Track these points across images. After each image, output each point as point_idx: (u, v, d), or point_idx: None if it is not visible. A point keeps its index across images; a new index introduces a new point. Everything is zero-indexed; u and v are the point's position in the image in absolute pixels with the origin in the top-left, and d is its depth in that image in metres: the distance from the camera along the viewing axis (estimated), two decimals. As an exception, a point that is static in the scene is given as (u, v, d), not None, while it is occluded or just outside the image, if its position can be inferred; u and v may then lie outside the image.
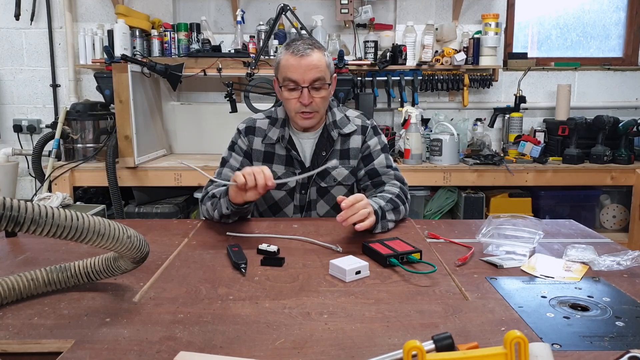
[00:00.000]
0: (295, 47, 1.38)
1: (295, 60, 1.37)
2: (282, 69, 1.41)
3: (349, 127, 1.52)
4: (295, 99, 1.41)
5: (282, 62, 1.41)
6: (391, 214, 1.34)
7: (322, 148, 1.49)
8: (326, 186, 1.51)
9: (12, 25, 3.00)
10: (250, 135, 1.52)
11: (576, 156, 2.65)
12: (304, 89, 1.38)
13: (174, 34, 2.84)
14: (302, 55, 1.37)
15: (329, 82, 1.43)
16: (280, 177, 1.49)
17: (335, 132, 1.50)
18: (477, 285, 0.94)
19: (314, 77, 1.38)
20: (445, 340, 0.59)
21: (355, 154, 1.52)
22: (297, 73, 1.37)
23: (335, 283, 0.96)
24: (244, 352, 0.70)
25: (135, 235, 0.82)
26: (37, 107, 3.11)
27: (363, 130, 1.53)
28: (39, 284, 0.88)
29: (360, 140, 1.53)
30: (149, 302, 0.87)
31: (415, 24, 2.96)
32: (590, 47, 3.22)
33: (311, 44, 1.40)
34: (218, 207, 1.34)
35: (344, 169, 1.51)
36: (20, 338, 0.75)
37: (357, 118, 1.56)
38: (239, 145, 1.52)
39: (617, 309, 0.84)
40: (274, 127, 1.51)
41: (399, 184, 1.49)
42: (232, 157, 1.52)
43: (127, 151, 2.47)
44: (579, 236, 1.29)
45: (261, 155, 1.51)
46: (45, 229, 0.70)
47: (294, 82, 1.39)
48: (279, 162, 1.50)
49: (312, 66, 1.37)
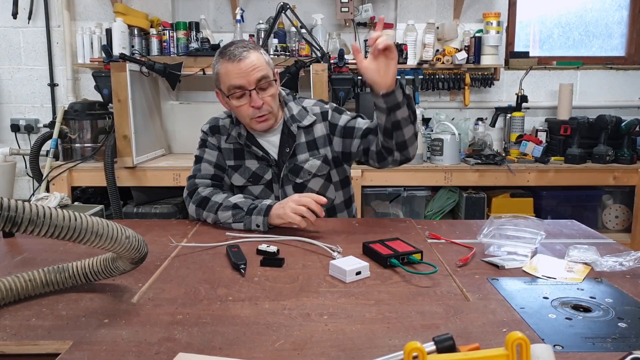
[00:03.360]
0: (230, 53, 1.35)
1: (234, 65, 1.34)
2: (223, 78, 1.38)
3: (308, 119, 1.49)
4: (246, 105, 1.38)
5: (222, 71, 1.37)
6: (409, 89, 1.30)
7: (285, 145, 1.48)
8: (302, 181, 1.49)
9: (9, 24, 3.00)
10: (217, 134, 1.52)
11: (578, 156, 2.64)
12: (252, 92, 1.36)
13: (172, 32, 2.83)
14: (240, 59, 1.34)
15: (274, 79, 1.41)
16: (255, 171, 1.49)
17: (294, 127, 1.48)
18: (478, 286, 0.94)
19: (258, 77, 1.36)
20: (446, 341, 0.58)
21: (322, 142, 1.50)
22: (240, 77, 1.35)
23: (335, 284, 0.96)
24: (243, 353, 0.70)
25: (133, 235, 0.81)
26: (35, 106, 3.10)
27: (324, 116, 1.51)
28: (36, 285, 0.88)
29: (324, 127, 1.50)
30: (147, 303, 0.86)
31: (416, 22, 2.95)
32: (592, 46, 3.21)
33: (244, 46, 1.37)
34: (245, 221, 1.31)
35: (315, 160, 1.49)
36: (17, 339, 0.74)
37: (315, 106, 1.53)
38: (210, 142, 1.51)
39: (619, 310, 0.83)
40: (235, 126, 1.50)
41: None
42: (207, 152, 1.51)
43: (126, 151, 2.46)
44: (581, 237, 1.28)
45: (231, 153, 1.51)
46: (43, 229, 0.69)
47: (240, 87, 1.36)
48: (250, 157, 1.50)
49: (253, 67, 1.34)
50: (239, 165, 1.50)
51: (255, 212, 1.31)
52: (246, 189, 1.51)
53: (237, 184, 1.51)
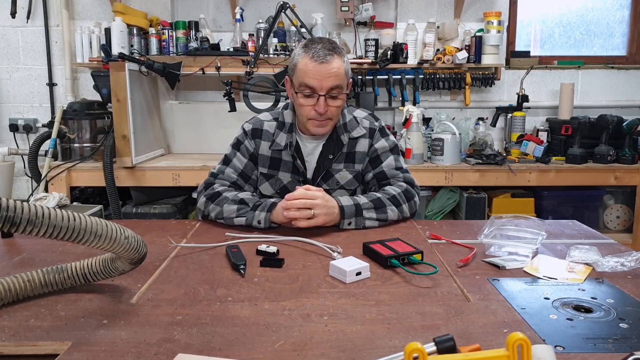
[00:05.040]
0: (315, 52, 1.32)
1: (314, 66, 1.31)
2: (299, 73, 1.35)
3: (358, 131, 1.47)
4: (310, 106, 1.36)
5: (300, 65, 1.34)
6: (371, 212, 1.31)
7: (329, 151, 1.46)
8: (328, 189, 1.46)
9: (8, 23, 2.99)
10: (257, 138, 1.47)
11: (579, 156, 2.64)
12: (320, 97, 1.34)
13: (172, 32, 2.83)
14: (323, 62, 1.31)
15: (346, 92, 1.38)
16: (286, 185, 1.47)
17: (345, 136, 1.45)
18: (479, 287, 0.93)
19: (332, 85, 1.33)
20: (446, 342, 0.58)
21: (361, 157, 1.48)
22: (315, 80, 1.32)
23: (335, 284, 0.95)
24: (243, 354, 0.69)
25: (132, 236, 0.81)
26: (34, 106, 3.10)
27: (371, 133, 1.49)
28: (35, 285, 0.87)
29: (367, 144, 1.48)
30: (146, 304, 0.86)
31: (416, 21, 2.95)
32: (593, 46, 3.21)
33: (332, 48, 1.33)
34: (248, 215, 1.29)
35: (347, 173, 1.47)
36: (16, 340, 0.74)
37: (365, 119, 1.51)
38: (246, 146, 1.47)
39: (621, 310, 0.83)
40: (281, 132, 1.46)
41: (405, 185, 1.43)
42: (237, 157, 1.47)
43: (125, 151, 2.46)
44: (582, 237, 1.28)
45: (267, 161, 1.47)
46: (42, 229, 0.69)
47: (311, 88, 1.34)
48: (285, 169, 1.47)
49: (332, 74, 1.32)
50: (272, 175, 1.48)
51: (259, 208, 1.30)
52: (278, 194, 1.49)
53: (265, 193, 1.49)
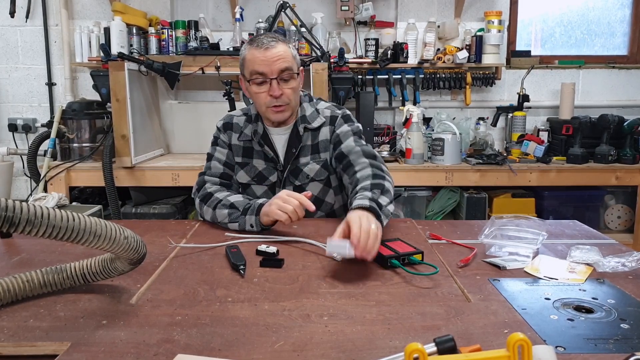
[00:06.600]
0: (259, 41, 1.38)
1: (260, 52, 1.36)
2: (248, 64, 1.39)
3: (318, 121, 1.49)
4: (264, 93, 1.39)
5: (247, 57, 1.39)
6: (384, 198, 1.22)
7: (292, 145, 1.48)
8: (300, 184, 1.48)
9: (7, 22, 2.99)
10: (229, 130, 1.53)
11: (580, 156, 2.63)
12: (272, 81, 1.37)
13: (171, 31, 2.82)
14: (267, 47, 1.36)
15: (297, 72, 1.41)
16: (262, 171, 1.49)
17: (301, 128, 1.47)
18: (479, 287, 0.93)
19: (281, 68, 1.36)
20: (447, 342, 0.58)
21: (324, 146, 1.49)
22: (264, 65, 1.36)
23: (335, 285, 0.95)
24: (242, 354, 0.69)
25: (132, 236, 0.81)
26: (33, 105, 3.09)
27: (332, 120, 1.50)
28: (34, 286, 0.87)
29: (329, 132, 1.49)
30: (146, 304, 0.86)
31: (416, 21, 2.94)
32: (594, 45, 3.20)
33: (274, 37, 1.39)
34: (240, 221, 1.30)
35: (315, 164, 1.48)
36: (15, 340, 0.74)
37: (327, 109, 1.52)
38: (222, 140, 1.53)
39: (622, 311, 0.83)
40: (249, 124, 1.51)
41: (368, 161, 1.37)
42: (217, 150, 1.52)
43: (124, 151, 2.46)
44: (583, 237, 1.28)
45: (240, 150, 1.51)
46: (41, 229, 0.69)
47: (262, 74, 1.37)
48: (259, 157, 1.50)
49: (278, 57, 1.36)
50: (246, 162, 1.51)
51: (249, 212, 1.31)
52: (249, 188, 1.52)
53: (242, 181, 1.52)
